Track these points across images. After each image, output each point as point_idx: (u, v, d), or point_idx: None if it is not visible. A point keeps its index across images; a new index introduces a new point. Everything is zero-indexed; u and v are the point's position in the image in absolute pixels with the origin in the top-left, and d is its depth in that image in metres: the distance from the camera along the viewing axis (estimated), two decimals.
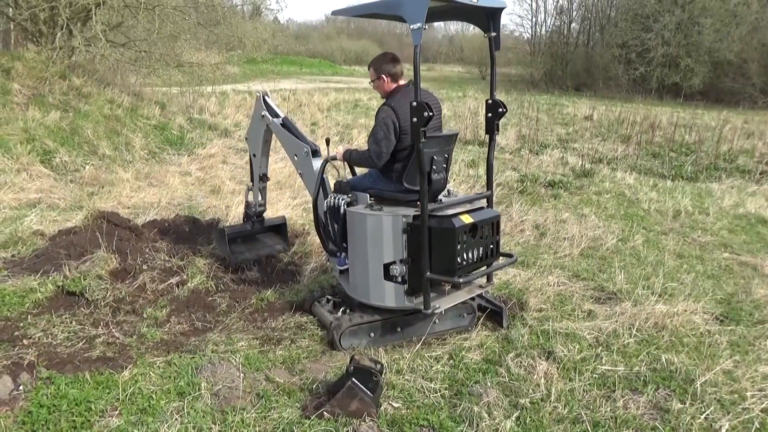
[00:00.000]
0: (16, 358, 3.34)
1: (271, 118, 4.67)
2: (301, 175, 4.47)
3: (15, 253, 4.88)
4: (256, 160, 4.97)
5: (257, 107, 4.79)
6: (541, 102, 20.85)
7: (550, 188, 8.39)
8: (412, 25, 3.21)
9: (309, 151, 4.33)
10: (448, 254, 3.45)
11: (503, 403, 3.15)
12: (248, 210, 5.15)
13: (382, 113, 3.71)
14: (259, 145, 4.88)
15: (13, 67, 9.86)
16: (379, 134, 3.68)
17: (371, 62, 3.98)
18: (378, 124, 3.70)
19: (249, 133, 4.99)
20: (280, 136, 4.61)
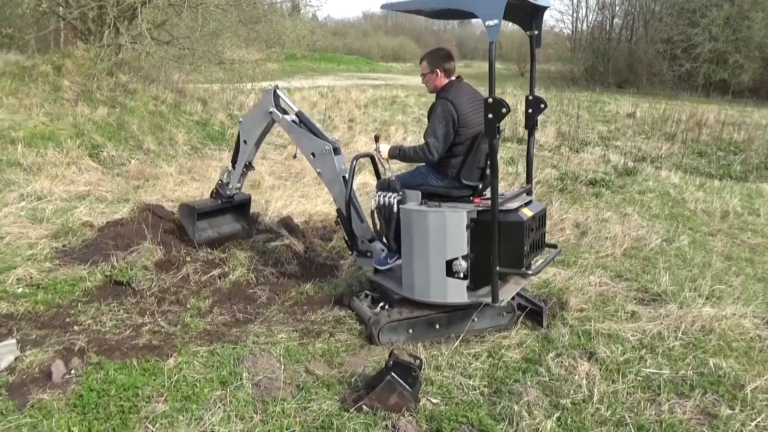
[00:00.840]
0: (68, 343, 3.47)
1: (281, 116, 4.57)
2: (320, 174, 4.42)
3: (66, 243, 5.06)
4: (246, 147, 4.89)
5: (265, 101, 4.71)
6: (582, 99, 20.44)
7: (591, 186, 8.23)
8: (487, 21, 3.19)
9: (331, 149, 4.29)
10: (516, 247, 3.52)
11: (544, 403, 3.11)
12: (221, 189, 5.12)
13: (440, 107, 3.70)
14: (254, 136, 4.83)
15: (63, 65, 10.22)
16: (438, 128, 3.68)
17: (425, 56, 3.95)
18: (437, 118, 3.69)
19: (246, 121, 4.91)
20: (293, 133, 4.55)
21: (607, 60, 34.83)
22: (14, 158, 7.51)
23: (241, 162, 4.97)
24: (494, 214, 3.42)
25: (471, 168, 3.77)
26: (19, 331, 3.62)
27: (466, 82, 3.95)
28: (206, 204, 5.09)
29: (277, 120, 4.61)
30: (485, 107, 3.32)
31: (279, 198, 6.60)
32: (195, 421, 2.84)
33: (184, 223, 5.05)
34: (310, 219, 6.12)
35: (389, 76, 35.12)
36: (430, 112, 3.79)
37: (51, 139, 8.16)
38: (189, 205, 5.05)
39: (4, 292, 4.03)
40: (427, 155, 3.73)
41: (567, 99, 18.66)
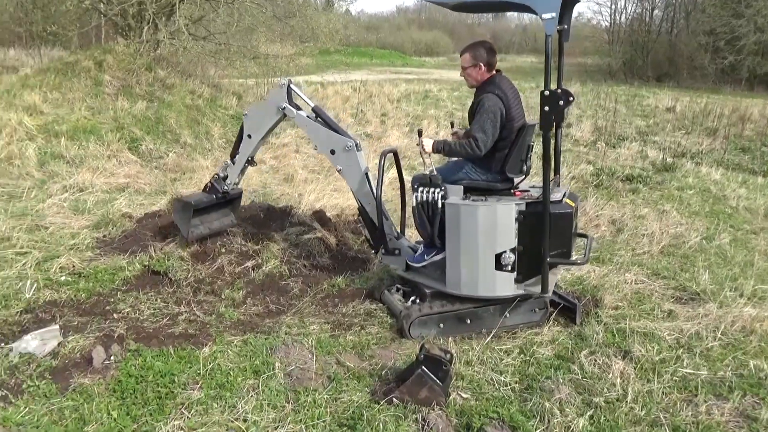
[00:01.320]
0: (108, 330, 3.58)
1: (296, 112, 4.35)
2: (340, 171, 4.28)
3: (106, 234, 5.21)
4: (250, 142, 4.60)
5: (276, 96, 4.45)
6: (619, 93, 19.99)
7: (628, 182, 8.05)
8: (544, 14, 3.17)
9: (353, 144, 4.18)
10: (565, 238, 3.57)
11: (576, 401, 3.07)
12: (217, 184, 4.78)
13: (488, 101, 3.69)
14: (261, 131, 4.55)
15: (104, 60, 10.49)
16: (487, 123, 3.67)
17: (468, 48, 3.90)
18: (485, 113, 3.67)
19: (251, 114, 4.59)
20: (310, 129, 4.34)
21: (646, 53, 33.90)
22: (58, 151, 7.76)
23: (243, 157, 4.69)
24: (546, 206, 3.44)
25: (515, 161, 3.79)
26: (62, 318, 3.76)
27: (505, 76, 3.91)
28: (201, 200, 4.73)
29: (290, 116, 4.37)
30: (541, 99, 3.30)
31: (312, 191, 6.66)
32: (229, 408, 2.90)
33: (177, 220, 4.72)
34: (342, 213, 6.15)
35: (422, 70, 34.97)
36: (476, 106, 3.76)
37: (92, 132, 8.40)
38: (184, 200, 4.74)
39: (48, 280, 4.17)
40: (474, 150, 3.71)
41: (604, 93, 18.26)
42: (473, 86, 3.96)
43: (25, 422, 2.70)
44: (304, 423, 2.83)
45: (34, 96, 8.98)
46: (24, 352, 3.26)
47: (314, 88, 17.75)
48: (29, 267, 4.32)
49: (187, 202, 4.63)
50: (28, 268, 4.30)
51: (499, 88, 3.75)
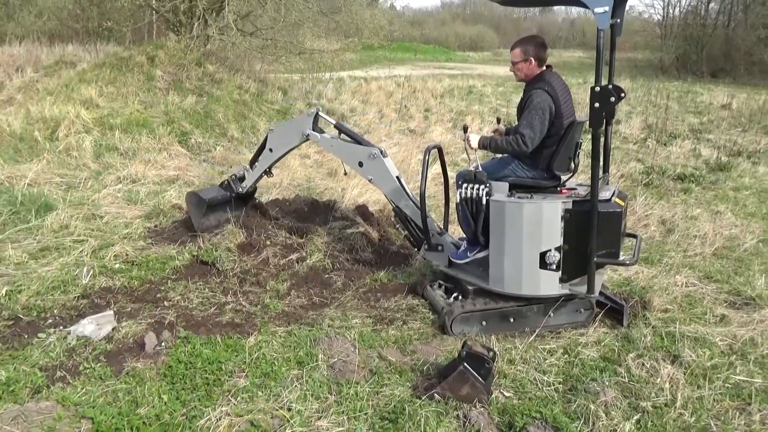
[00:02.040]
0: (159, 317, 3.71)
1: (319, 136, 4.52)
2: (372, 180, 4.36)
3: (157, 224, 5.39)
4: (271, 156, 4.84)
5: (302, 122, 4.64)
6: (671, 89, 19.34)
7: (680, 182, 7.80)
8: (596, 9, 3.12)
9: (378, 152, 4.25)
10: (614, 237, 3.49)
11: (622, 404, 3.01)
12: (233, 183, 5.09)
13: (537, 97, 3.64)
14: (282, 149, 4.79)
15: (156, 55, 10.82)
16: (535, 119, 3.62)
17: (518, 43, 3.85)
18: (534, 109, 3.63)
19: (277, 131, 4.82)
20: (335, 149, 4.51)
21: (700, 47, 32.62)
22: (112, 143, 8.06)
23: (261, 167, 4.94)
24: (594, 204, 3.37)
25: (563, 158, 3.73)
26: (116, 304, 3.91)
27: (555, 71, 3.85)
28: (215, 197, 5.02)
29: (315, 141, 4.57)
30: (591, 96, 3.24)
31: (355, 186, 6.70)
32: (273, 397, 2.97)
33: (191, 212, 5.03)
34: (384, 208, 6.17)
35: (466, 65, 34.64)
36: (525, 102, 3.72)
37: (145, 125, 8.68)
38: (198, 195, 4.97)
39: (104, 267, 4.35)
40: (521, 146, 3.67)
41: (655, 89, 17.70)
42: (522, 81, 3.90)
43: (82, 402, 2.82)
44: (346, 415, 2.87)
45: (91, 90, 9.34)
46: (81, 335, 3.42)
47: (358, 83, 17.83)
48: (86, 254, 4.51)
49: (201, 198, 4.91)
50: (85, 256, 4.49)
51: (548, 84, 3.69)
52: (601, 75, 3.29)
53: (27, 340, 3.38)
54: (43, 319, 3.63)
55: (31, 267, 4.22)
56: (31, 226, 4.97)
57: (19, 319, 3.60)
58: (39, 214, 5.22)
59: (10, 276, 4.06)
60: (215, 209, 5.09)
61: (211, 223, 5.05)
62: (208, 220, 5.03)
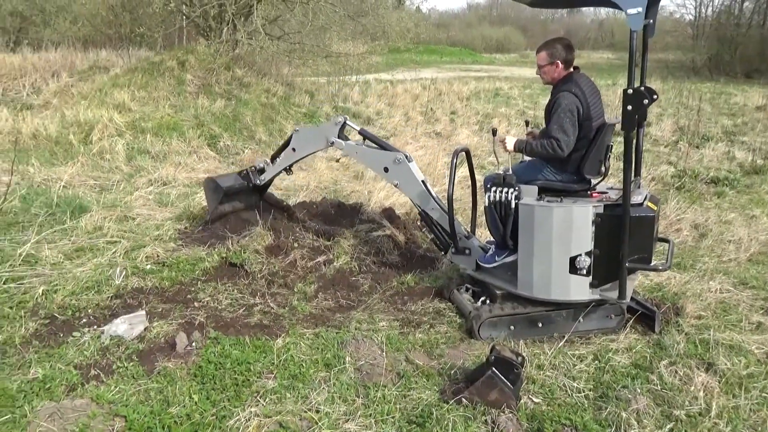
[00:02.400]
0: (189, 318, 3.77)
1: (344, 144, 4.58)
2: (398, 185, 4.38)
3: (187, 226, 5.48)
4: (293, 155, 4.91)
5: (328, 129, 4.69)
6: (704, 90, 18.90)
7: (713, 185, 7.63)
8: (629, 10, 3.08)
9: (403, 156, 4.27)
10: (646, 242, 3.44)
11: (654, 413, 2.95)
12: (252, 175, 5.17)
13: (565, 100, 3.60)
14: (305, 151, 4.88)
15: (187, 60, 11.02)
16: (566, 122, 3.59)
17: (544, 46, 3.82)
18: (563, 112, 3.59)
19: (303, 134, 4.87)
20: (360, 156, 4.57)
21: (734, 48, 31.82)
22: (144, 146, 8.23)
23: (282, 164, 5.03)
24: (626, 209, 3.32)
25: (593, 161, 3.68)
26: (148, 304, 3.99)
27: (583, 73, 3.81)
28: (233, 186, 5.13)
29: (340, 148, 4.64)
30: (624, 98, 3.19)
31: (381, 189, 6.72)
32: (301, 399, 2.99)
33: (207, 198, 5.21)
34: (411, 211, 6.16)
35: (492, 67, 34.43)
36: (552, 106, 3.68)
37: (175, 129, 8.84)
38: (216, 182, 5.09)
39: (136, 268, 4.43)
40: (557, 151, 3.63)
41: (687, 90, 17.33)
42: (548, 84, 3.87)
43: (115, 401, 2.88)
44: (373, 418, 2.87)
45: (123, 94, 9.56)
46: (114, 335, 3.49)
47: (384, 85, 17.87)
48: (119, 255, 4.60)
49: (218, 185, 5.03)
50: (118, 257, 4.58)
51: (576, 86, 3.65)
52: (633, 77, 3.24)
53: (62, 339, 3.47)
54: (77, 319, 3.72)
55: (66, 267, 4.33)
56: (67, 228, 5.09)
57: (55, 318, 3.69)
58: (74, 216, 5.36)
59: (47, 276, 4.17)
60: (231, 198, 5.23)
61: (225, 209, 5.20)
62: (223, 207, 5.18)
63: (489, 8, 64.84)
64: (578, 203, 3.54)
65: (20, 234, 4.86)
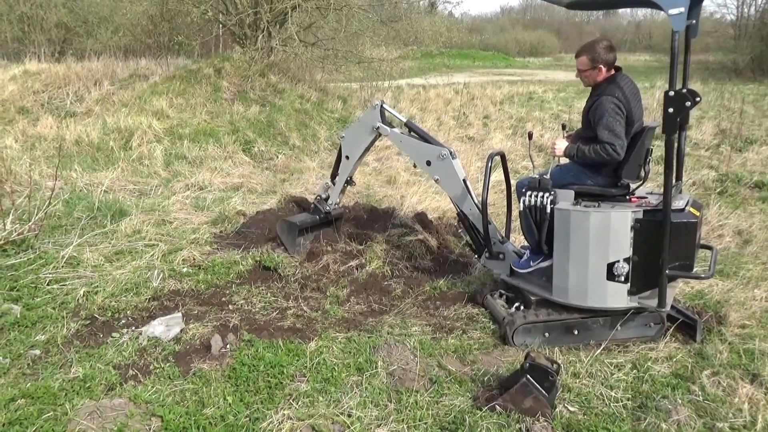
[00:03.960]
0: (224, 320, 3.83)
1: (389, 129, 4.49)
2: (438, 180, 4.31)
3: (222, 229, 5.57)
4: (348, 162, 4.81)
5: (370, 116, 4.61)
6: (747, 92, 18.32)
7: (758, 190, 7.37)
8: (670, 10, 3.02)
9: (448, 153, 4.19)
10: (688, 249, 3.35)
11: (696, 424, 2.86)
12: (319, 205, 5.07)
13: (610, 103, 3.53)
14: (358, 151, 4.75)
15: (223, 67, 11.24)
16: (616, 125, 3.53)
17: (583, 50, 3.74)
18: (610, 115, 3.53)
19: (348, 136, 4.81)
20: (404, 145, 4.46)
21: None
22: (181, 152, 8.41)
23: (342, 178, 4.92)
24: (666, 214, 3.23)
25: (632, 165, 3.60)
26: (184, 306, 4.06)
27: (626, 74, 3.72)
28: (306, 221, 5.02)
29: (385, 134, 4.54)
30: (665, 100, 3.12)
31: (414, 194, 6.71)
32: (334, 402, 2.99)
33: (284, 240, 4.98)
34: (443, 215, 6.14)
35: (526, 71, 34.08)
36: (597, 108, 3.60)
37: (211, 135, 9.02)
38: (289, 221, 4.97)
39: (173, 271, 4.53)
40: (612, 156, 3.55)
41: (728, 92, 16.82)
42: (589, 85, 3.79)
43: (152, 401, 2.94)
44: (406, 423, 2.85)
45: (162, 102, 9.80)
46: (151, 336, 3.57)
47: (416, 90, 17.86)
48: (156, 258, 4.71)
49: (293, 224, 4.90)
50: (156, 260, 4.69)
51: (619, 89, 3.57)
52: (675, 79, 3.15)
53: (102, 339, 3.56)
54: (117, 320, 3.82)
55: (106, 270, 4.45)
56: (107, 231, 5.24)
57: (95, 319, 3.79)
58: (114, 220, 5.51)
59: (88, 278, 4.29)
60: (308, 233, 5.11)
61: (307, 247, 5.05)
62: (303, 246, 5.03)
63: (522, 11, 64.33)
64: (616, 208, 3.46)
65: (63, 237, 5.01)
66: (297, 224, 4.89)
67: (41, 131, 9.04)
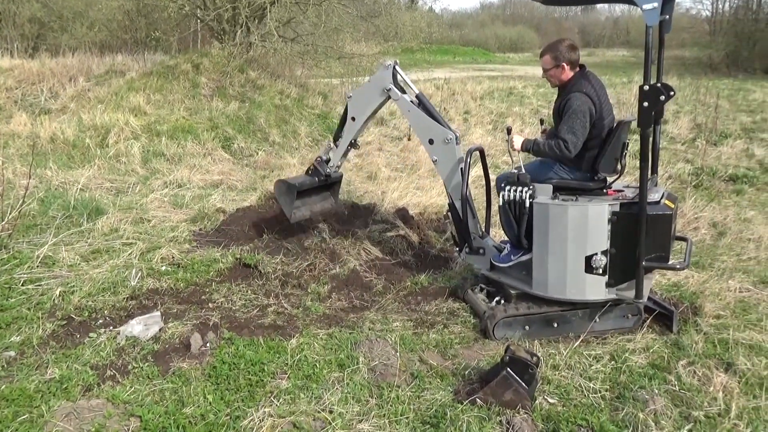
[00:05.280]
0: (204, 318, 3.79)
1: (400, 95, 4.26)
2: (436, 162, 4.19)
3: (202, 227, 5.51)
4: (354, 124, 4.52)
5: (382, 77, 4.33)
6: (722, 87, 18.64)
7: (731, 183, 7.52)
8: (644, 5, 3.06)
9: (453, 138, 4.08)
10: (663, 241, 3.41)
11: (673, 413, 2.91)
12: (320, 166, 4.78)
13: (577, 101, 3.57)
14: (365, 114, 4.49)
15: (201, 63, 11.09)
16: (577, 124, 3.57)
17: (546, 49, 3.79)
18: (574, 114, 3.57)
19: (357, 96, 4.51)
20: (413, 116, 4.24)
21: (752, 43, 31.29)
22: (159, 149, 8.30)
23: (346, 140, 4.65)
24: (642, 207, 3.28)
25: (609, 159, 3.65)
26: (163, 305, 4.01)
27: (590, 70, 3.77)
28: (304, 182, 4.77)
29: (395, 98, 4.29)
30: (640, 95, 3.16)
31: (395, 189, 6.71)
32: (315, 399, 2.99)
33: (281, 202, 4.77)
34: (425, 211, 6.15)
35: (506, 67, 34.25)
36: (564, 107, 3.65)
37: (190, 131, 8.91)
38: (288, 182, 4.74)
39: (151, 270, 4.47)
40: (564, 152, 3.61)
41: (704, 87, 17.08)
42: (556, 86, 3.84)
43: (131, 401, 2.91)
44: (387, 418, 2.86)
45: (139, 98, 9.65)
46: (129, 335, 3.52)
47: None
48: (134, 257, 4.64)
49: (292, 185, 4.68)
50: (134, 258, 4.62)
51: (587, 86, 3.61)
52: (649, 73, 3.20)
53: (79, 340, 3.50)
54: (94, 320, 3.76)
55: (83, 269, 4.37)
56: (83, 230, 5.15)
57: (72, 319, 3.73)
58: (90, 218, 5.41)
59: (64, 277, 4.21)
60: (306, 198, 4.92)
61: (303, 213, 4.88)
62: (300, 210, 4.84)
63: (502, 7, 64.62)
64: (593, 202, 3.51)
65: (38, 236, 4.92)
66: (296, 186, 4.65)
67: (14, 129, 8.84)
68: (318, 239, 5.12)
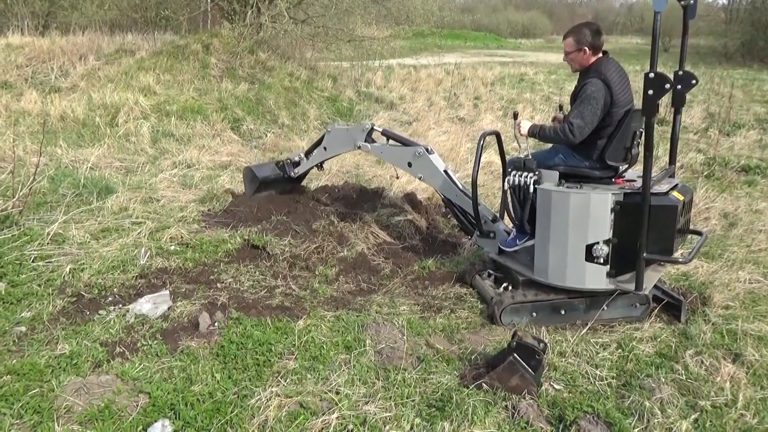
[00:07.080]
0: (212, 298, 3.81)
1: (370, 146, 4.74)
2: (422, 178, 4.47)
3: (210, 208, 5.52)
4: (324, 153, 5.14)
5: (356, 134, 4.84)
6: (736, 77, 18.42)
7: (744, 174, 7.44)
8: None
9: (423, 150, 4.35)
10: (667, 233, 3.34)
11: (679, 402, 2.90)
12: (287, 167, 5.48)
13: (592, 87, 3.51)
14: (335, 150, 5.10)
15: (211, 44, 11.05)
16: (587, 109, 3.51)
17: (571, 32, 3.72)
18: (587, 98, 3.51)
19: (334, 134, 5.04)
20: (385, 155, 4.75)
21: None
22: (169, 129, 8.30)
23: (314, 161, 5.30)
24: (645, 197, 3.23)
25: (618, 148, 3.59)
26: (172, 284, 4.03)
27: (612, 58, 3.71)
28: (268, 176, 5.48)
29: (366, 151, 4.82)
30: (645, 82, 3.10)
31: (403, 174, 6.67)
32: (322, 380, 3.00)
33: (245, 185, 5.58)
34: (432, 196, 6.13)
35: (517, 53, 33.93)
36: (579, 91, 3.60)
37: (199, 112, 8.90)
38: (253, 172, 5.45)
39: (160, 249, 4.49)
40: (568, 136, 3.56)
41: (718, 77, 16.87)
42: (577, 71, 3.78)
43: (139, 378, 2.93)
44: (393, 401, 2.87)
45: (149, 78, 9.64)
46: (139, 313, 3.55)
47: (407, 70, 17.73)
48: (143, 236, 4.66)
49: (255, 176, 5.41)
50: (143, 237, 4.64)
51: (604, 73, 3.55)
52: (656, 60, 3.13)
53: (89, 317, 3.53)
54: (103, 297, 3.79)
55: (92, 247, 4.40)
56: (93, 208, 5.17)
57: (82, 297, 3.76)
58: (100, 197, 5.43)
59: (74, 255, 4.24)
60: (268, 186, 5.56)
61: (262, 196, 5.52)
62: (260, 194, 5.51)
63: None
64: (597, 190, 3.46)
65: (48, 213, 4.95)
66: (259, 179, 5.40)
67: (25, 106, 8.86)
68: (326, 222, 5.12)
